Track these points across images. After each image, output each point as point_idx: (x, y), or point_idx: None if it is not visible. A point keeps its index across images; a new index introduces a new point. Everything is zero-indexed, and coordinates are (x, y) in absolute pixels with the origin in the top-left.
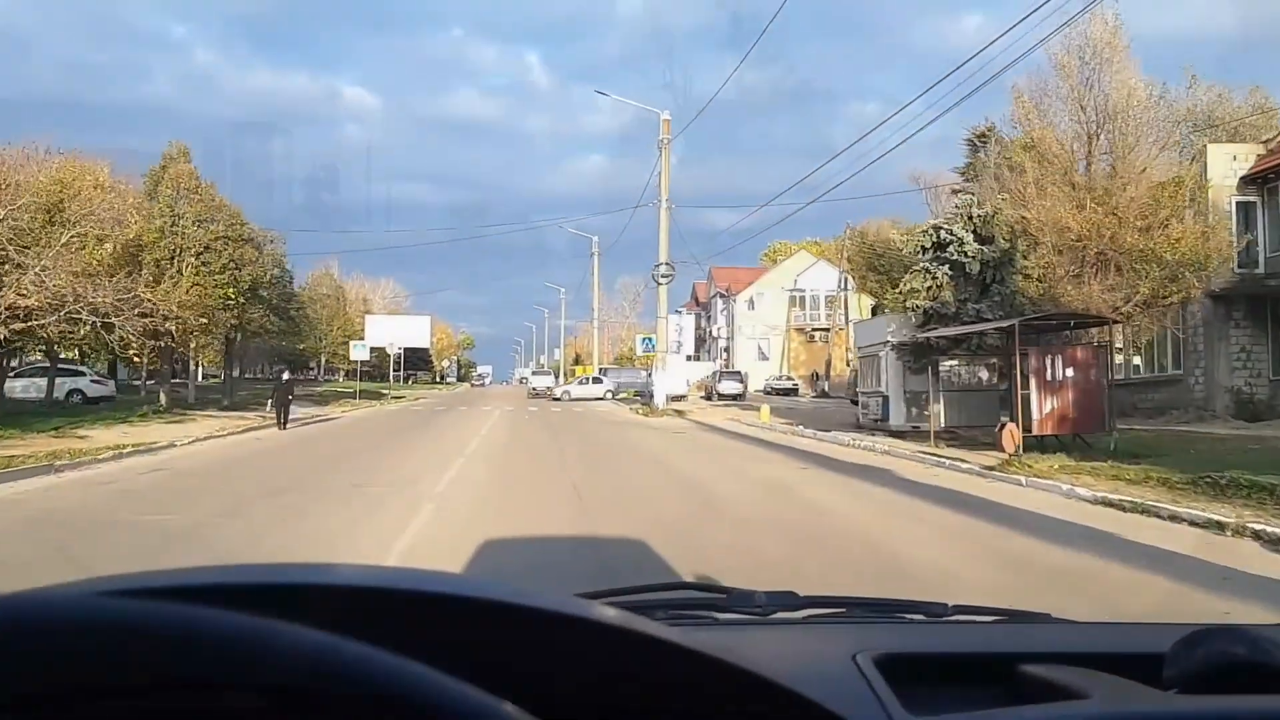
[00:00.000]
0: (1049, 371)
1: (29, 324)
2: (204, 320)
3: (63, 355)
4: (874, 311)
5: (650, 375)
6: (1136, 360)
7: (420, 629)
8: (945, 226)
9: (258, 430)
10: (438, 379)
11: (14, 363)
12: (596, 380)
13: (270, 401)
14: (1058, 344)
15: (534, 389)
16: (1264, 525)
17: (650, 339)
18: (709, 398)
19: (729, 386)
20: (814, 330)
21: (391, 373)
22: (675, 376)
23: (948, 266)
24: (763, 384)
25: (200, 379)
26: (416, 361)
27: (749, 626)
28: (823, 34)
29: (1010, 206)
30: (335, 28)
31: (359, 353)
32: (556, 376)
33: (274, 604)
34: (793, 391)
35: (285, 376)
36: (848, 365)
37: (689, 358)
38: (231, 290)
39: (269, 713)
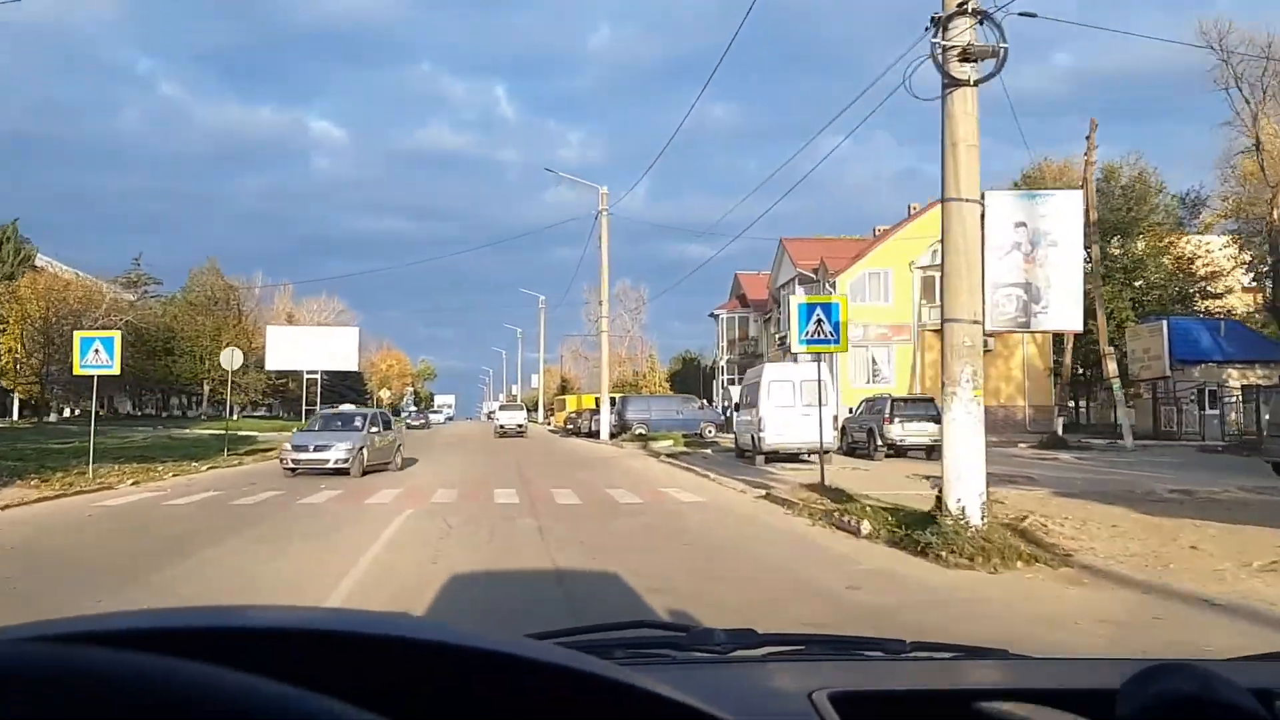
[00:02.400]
0: None
1: None
2: None
3: None
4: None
5: (736, 406)
6: None
7: (365, 673)
8: None
9: None
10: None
11: None
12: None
13: None
14: None
15: (502, 426)
16: None
17: (820, 307)
18: (850, 450)
19: (912, 430)
20: None
21: (304, 406)
22: (790, 414)
23: None
24: None
25: (15, 417)
26: (344, 390)
27: (707, 665)
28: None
29: None
30: (304, 62)
31: (93, 357)
32: (532, 411)
33: (218, 651)
34: None
35: None
36: (1116, 379)
37: (735, 382)
38: None
39: None
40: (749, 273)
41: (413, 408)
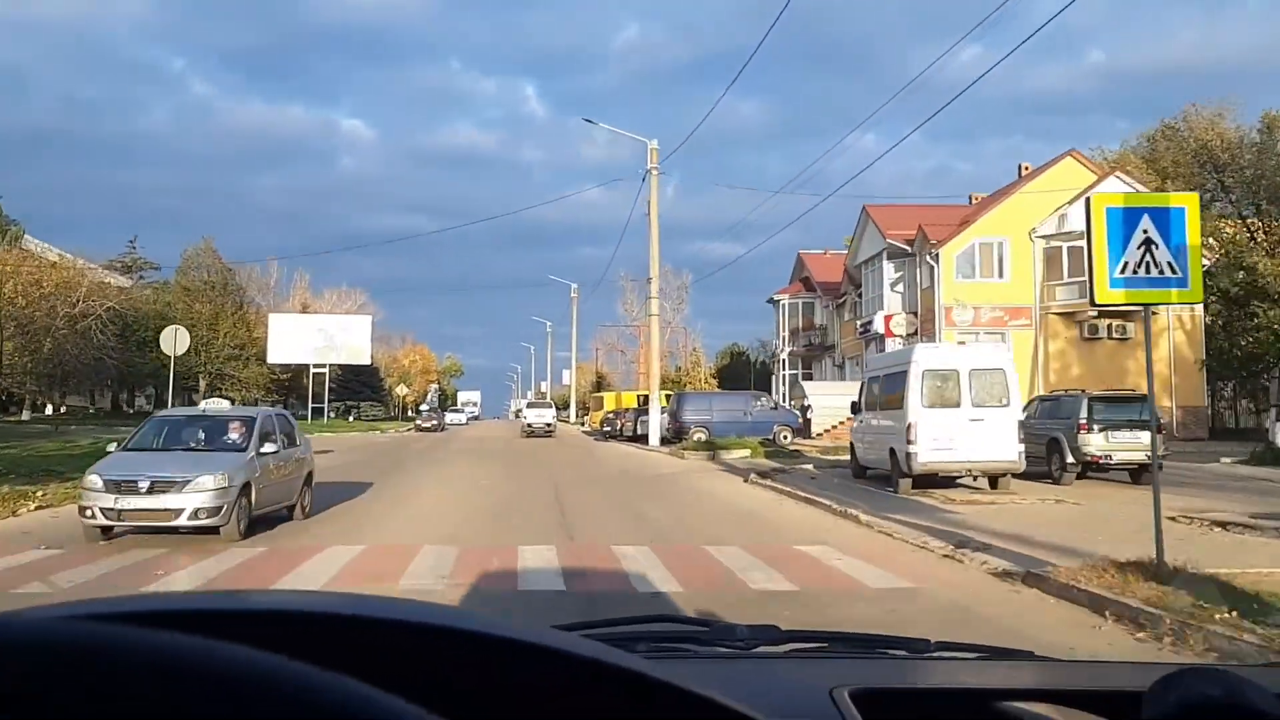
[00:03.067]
0: None
1: None
2: None
3: None
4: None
5: (855, 407)
6: None
7: (392, 659)
8: None
9: None
10: (400, 411)
11: None
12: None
13: None
14: None
15: (529, 425)
16: None
17: (1147, 216)
18: (1017, 472)
19: (1120, 443)
20: (1103, 315)
21: (311, 404)
22: (954, 420)
23: None
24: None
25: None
26: (357, 387)
27: (729, 660)
28: None
29: None
30: (330, 61)
31: None
32: (562, 410)
33: (245, 633)
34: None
35: None
36: None
37: (801, 377)
38: None
39: None
40: (813, 252)
41: (424, 407)
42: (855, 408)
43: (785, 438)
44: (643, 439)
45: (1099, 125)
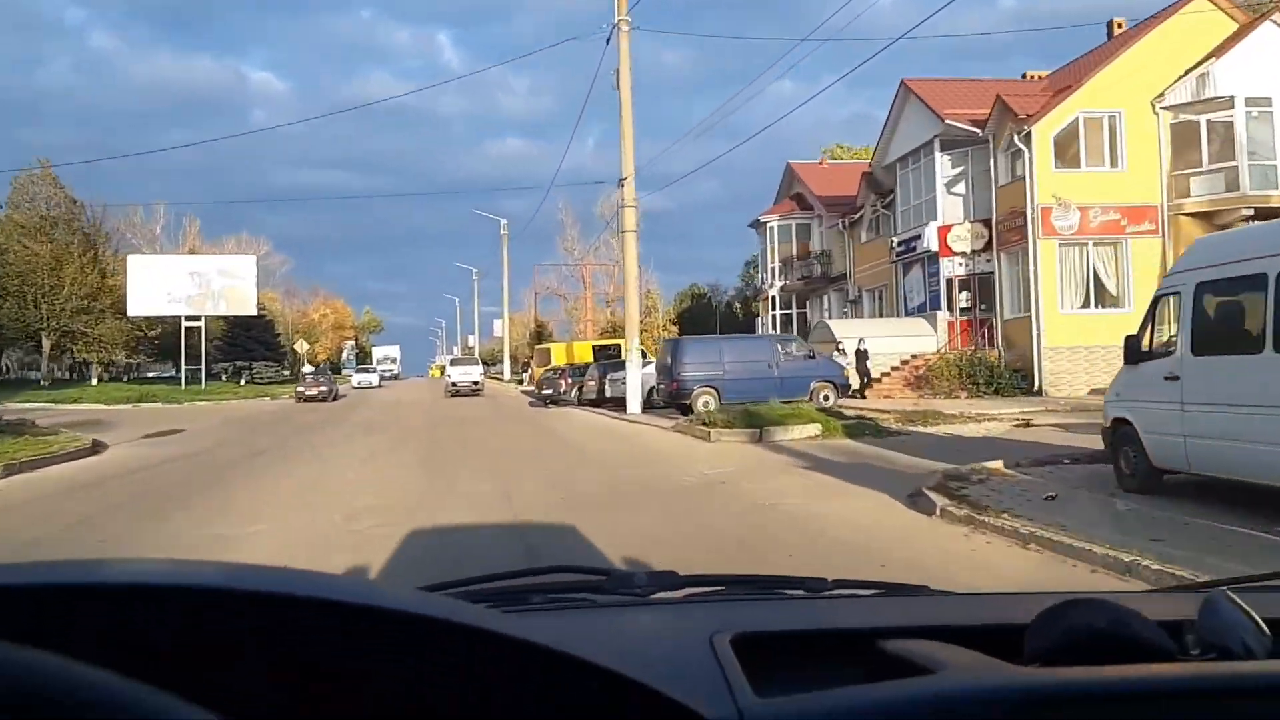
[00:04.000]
0: None
1: None
2: None
3: None
4: None
5: (1136, 348)
6: None
7: (226, 626)
8: None
9: None
10: (300, 368)
11: None
12: None
13: None
14: None
15: (454, 384)
16: None
17: None
18: None
19: None
20: (1260, 214)
21: (187, 365)
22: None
23: None
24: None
25: None
26: (247, 342)
27: (625, 608)
28: None
29: None
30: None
31: None
32: (490, 365)
33: (46, 608)
34: None
35: None
36: None
37: (796, 317)
38: None
39: None
40: (807, 162)
41: (305, 370)
42: (1133, 351)
43: (827, 398)
44: (613, 404)
45: (1015, 69)
